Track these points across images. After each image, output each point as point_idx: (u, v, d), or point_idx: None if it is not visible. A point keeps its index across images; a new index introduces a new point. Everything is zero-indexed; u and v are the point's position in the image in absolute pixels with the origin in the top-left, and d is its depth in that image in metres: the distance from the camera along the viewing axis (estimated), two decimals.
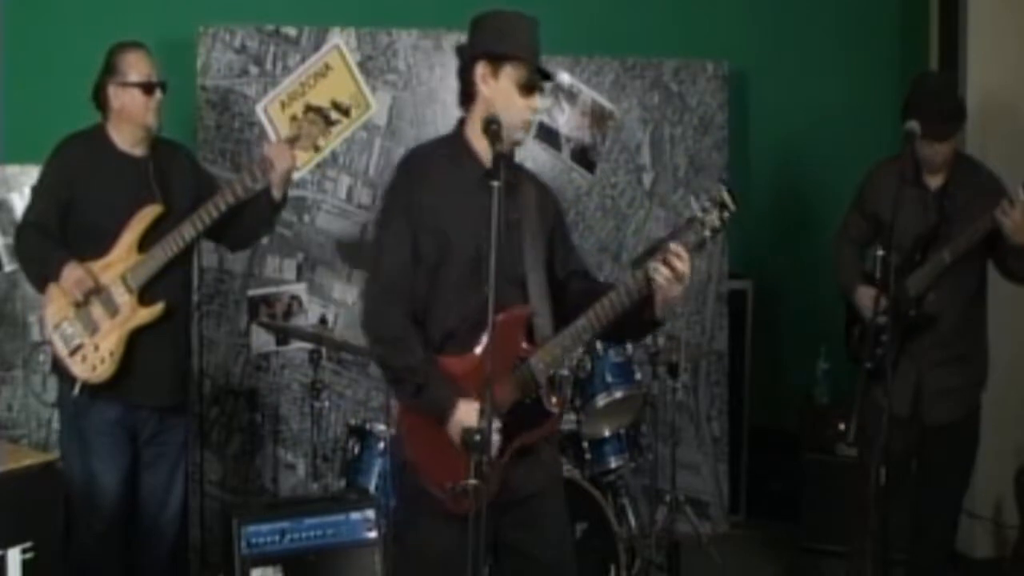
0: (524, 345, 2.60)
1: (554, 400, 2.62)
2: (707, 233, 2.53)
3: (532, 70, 2.60)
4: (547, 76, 2.66)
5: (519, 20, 2.65)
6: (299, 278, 4.66)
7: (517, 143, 2.70)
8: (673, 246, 2.50)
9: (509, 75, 2.59)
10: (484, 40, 2.63)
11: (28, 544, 3.02)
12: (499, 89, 2.60)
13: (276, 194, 3.49)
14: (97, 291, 3.34)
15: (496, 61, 2.60)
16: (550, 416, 2.62)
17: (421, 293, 2.61)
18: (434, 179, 2.62)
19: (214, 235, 3.62)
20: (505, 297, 2.54)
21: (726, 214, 2.53)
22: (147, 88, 3.42)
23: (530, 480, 2.63)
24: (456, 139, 2.70)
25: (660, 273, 2.49)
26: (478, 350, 2.56)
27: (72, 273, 3.31)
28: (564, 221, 2.92)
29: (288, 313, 4.63)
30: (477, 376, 2.46)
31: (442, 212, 2.59)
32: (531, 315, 2.61)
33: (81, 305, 3.34)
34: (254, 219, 3.58)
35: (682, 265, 2.49)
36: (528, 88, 2.60)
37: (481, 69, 2.61)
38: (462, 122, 2.71)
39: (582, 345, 2.63)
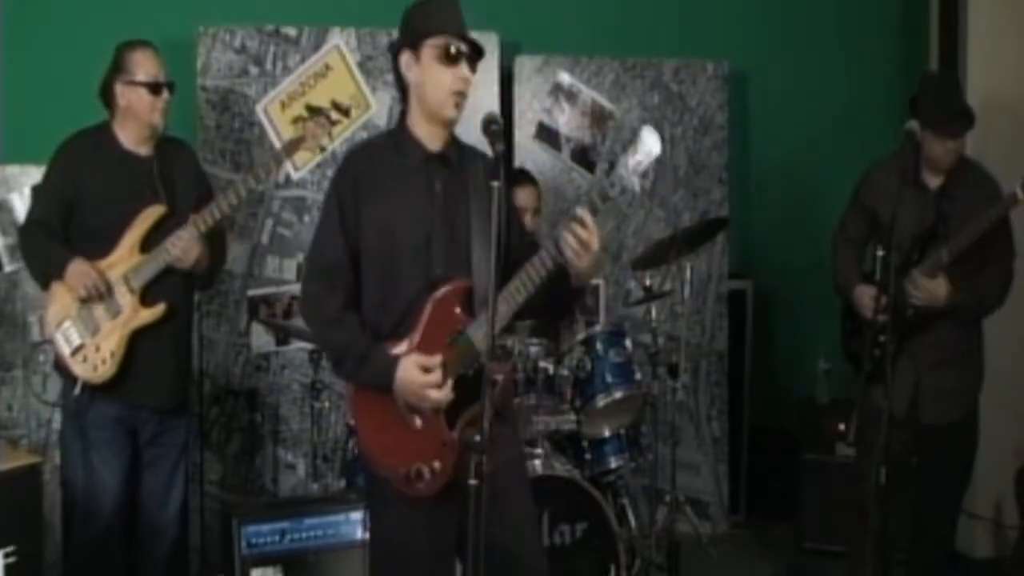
0: (459, 314, 2.61)
1: (495, 366, 2.56)
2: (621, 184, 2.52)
3: (450, 40, 2.61)
4: (473, 45, 2.64)
5: (436, 1, 2.68)
6: (299, 278, 4.66)
7: (450, 120, 2.68)
8: (579, 212, 2.48)
9: (428, 52, 2.62)
10: (404, 30, 2.68)
11: (11, 548, 3.00)
12: (423, 70, 2.64)
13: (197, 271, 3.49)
14: (103, 287, 3.34)
15: (416, 45, 2.64)
16: (493, 384, 2.56)
17: (375, 290, 2.66)
18: (376, 172, 2.67)
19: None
20: (451, 273, 2.62)
21: (645, 158, 2.50)
22: (154, 88, 3.43)
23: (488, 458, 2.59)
24: (398, 131, 2.75)
25: (568, 243, 2.48)
26: (416, 333, 2.60)
27: (78, 268, 3.31)
28: (511, 197, 2.96)
29: (288, 313, 4.63)
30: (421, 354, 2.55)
31: (386, 204, 2.64)
32: (468, 287, 2.63)
33: (85, 303, 3.34)
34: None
35: (585, 233, 2.46)
36: (450, 57, 2.61)
37: (405, 58, 2.66)
38: (402, 115, 2.75)
39: (515, 307, 2.59)
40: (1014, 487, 4.15)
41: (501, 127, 2.51)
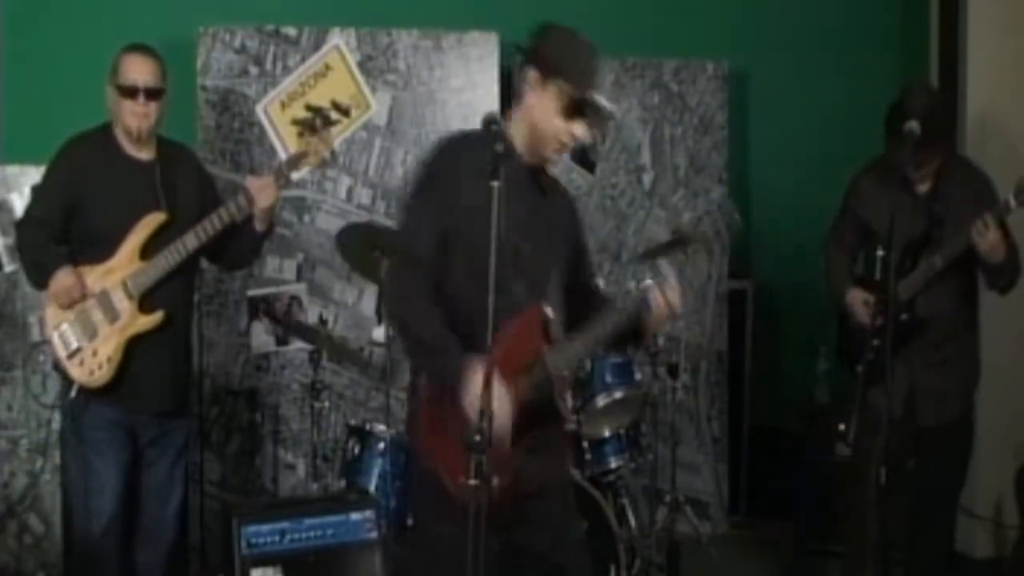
0: (539, 339, 2.60)
1: (568, 399, 2.64)
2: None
3: (580, 96, 2.56)
4: (601, 111, 2.62)
5: (585, 45, 2.64)
6: (299, 278, 4.66)
7: (546, 160, 2.66)
8: (671, 277, 2.59)
9: (556, 92, 2.57)
10: (545, 49, 2.62)
11: None
12: (542, 100, 2.59)
13: (258, 227, 3.52)
14: (84, 300, 3.34)
15: (548, 73, 2.58)
16: (558, 417, 2.63)
17: (452, 286, 2.60)
18: (470, 175, 2.54)
19: (211, 255, 3.63)
20: (529, 297, 2.59)
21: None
22: (127, 91, 3.40)
23: (541, 474, 2.62)
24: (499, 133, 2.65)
25: (657, 302, 2.57)
26: (495, 345, 2.53)
27: (62, 281, 3.31)
28: (585, 231, 2.95)
29: (288, 313, 4.63)
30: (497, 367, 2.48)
31: (475, 210, 2.51)
32: (549, 315, 2.61)
33: (76, 306, 3.34)
34: (246, 242, 3.59)
35: (674, 295, 2.57)
36: (569, 112, 2.57)
37: (533, 73, 2.60)
38: (506, 118, 2.68)
39: (596, 348, 2.66)
40: (1014, 487, 4.15)
41: (501, 127, 2.52)
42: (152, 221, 3.40)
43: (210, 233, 3.39)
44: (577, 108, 2.57)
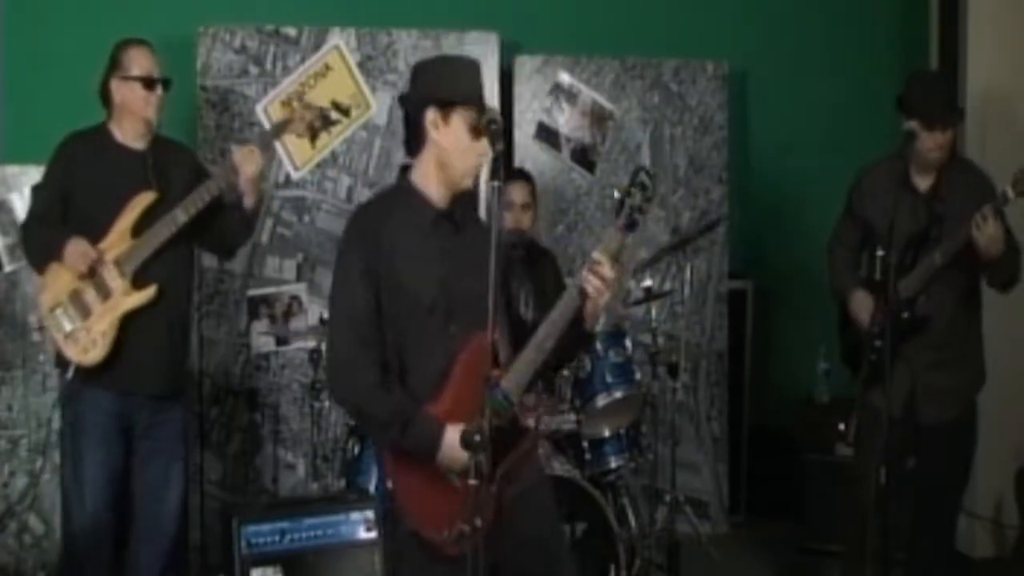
0: (492, 370, 2.55)
1: (529, 417, 2.63)
2: (636, 216, 2.58)
3: (481, 113, 2.60)
4: (496, 121, 2.61)
5: (464, 65, 2.69)
6: (299, 278, 4.67)
7: (466, 189, 2.69)
8: (595, 255, 2.56)
9: (459, 119, 2.60)
10: (432, 86, 2.63)
11: None
12: (450, 133, 2.61)
13: (248, 201, 3.53)
14: (101, 263, 3.35)
15: (446, 106, 2.60)
16: (527, 432, 2.62)
17: (392, 349, 2.62)
18: (388, 230, 2.62)
19: (203, 241, 3.65)
20: (470, 326, 2.57)
21: (648, 193, 2.59)
22: (148, 83, 3.46)
23: (517, 484, 2.63)
24: (404, 188, 2.71)
25: (591, 284, 2.55)
26: (448, 390, 2.58)
27: (76, 247, 3.33)
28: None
29: (288, 313, 4.63)
30: (456, 414, 2.52)
31: (398, 263, 2.60)
32: (496, 340, 2.57)
33: (76, 290, 3.35)
34: (238, 220, 3.60)
35: (607, 271, 2.54)
36: (478, 131, 2.59)
37: (431, 115, 2.61)
38: (405, 170, 2.73)
39: (545, 355, 2.62)
40: (1014, 487, 4.15)
41: (500, 127, 2.52)
42: (143, 200, 3.43)
43: (199, 206, 3.41)
44: (483, 126, 2.58)
